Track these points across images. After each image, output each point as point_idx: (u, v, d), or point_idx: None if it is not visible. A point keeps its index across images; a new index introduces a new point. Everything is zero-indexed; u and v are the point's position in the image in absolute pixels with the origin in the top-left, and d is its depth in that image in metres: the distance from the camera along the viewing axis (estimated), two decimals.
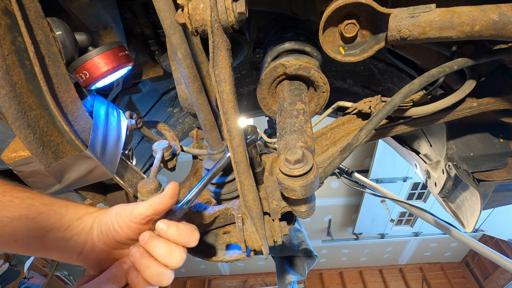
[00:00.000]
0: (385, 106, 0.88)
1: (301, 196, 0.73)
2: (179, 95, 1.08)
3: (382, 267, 11.30)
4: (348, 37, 0.86)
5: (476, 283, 10.32)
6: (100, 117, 0.98)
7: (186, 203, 0.76)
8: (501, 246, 8.94)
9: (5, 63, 0.67)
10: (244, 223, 0.90)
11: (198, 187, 0.80)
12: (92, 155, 0.82)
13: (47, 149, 0.76)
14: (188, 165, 1.35)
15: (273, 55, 1.11)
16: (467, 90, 0.96)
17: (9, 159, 0.80)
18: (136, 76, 1.43)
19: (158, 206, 0.66)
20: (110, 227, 0.65)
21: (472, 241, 2.32)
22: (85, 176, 0.88)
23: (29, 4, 0.73)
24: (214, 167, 0.87)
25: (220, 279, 11.40)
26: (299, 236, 2.02)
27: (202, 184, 0.81)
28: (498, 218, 6.57)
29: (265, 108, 1.17)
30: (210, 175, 0.85)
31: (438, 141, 1.43)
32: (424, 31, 0.74)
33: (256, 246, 0.89)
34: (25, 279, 5.12)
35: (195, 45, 0.99)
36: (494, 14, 0.68)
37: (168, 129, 1.34)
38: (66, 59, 0.89)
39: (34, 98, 0.74)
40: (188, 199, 0.77)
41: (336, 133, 1.10)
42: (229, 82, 0.70)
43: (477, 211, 1.31)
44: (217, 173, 0.89)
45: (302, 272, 2.11)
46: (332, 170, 0.90)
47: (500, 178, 1.27)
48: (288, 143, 0.86)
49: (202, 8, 0.62)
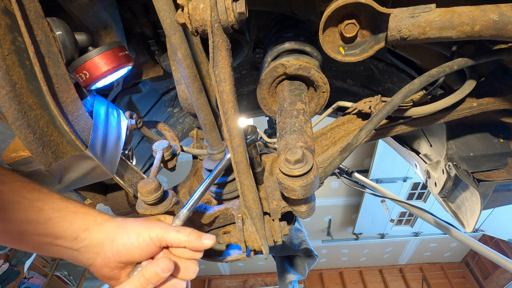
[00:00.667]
0: (385, 106, 0.88)
1: (301, 196, 0.73)
2: (179, 95, 1.08)
3: (382, 267, 11.30)
4: (348, 37, 0.85)
5: (476, 283, 10.32)
6: (100, 117, 0.98)
7: (189, 208, 0.77)
8: (501, 246, 8.94)
9: (5, 63, 0.67)
10: (244, 223, 0.90)
11: (200, 190, 0.81)
12: (92, 155, 0.82)
13: (47, 149, 0.76)
14: (188, 165, 1.35)
15: (273, 55, 1.11)
16: (467, 90, 0.96)
17: (9, 159, 0.80)
18: (136, 76, 1.43)
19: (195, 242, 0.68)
20: (130, 248, 0.65)
21: (472, 241, 2.32)
22: (85, 176, 0.88)
23: (29, 4, 0.73)
24: (215, 169, 0.88)
25: (220, 279, 11.40)
26: (300, 236, 2.02)
27: (204, 187, 0.82)
28: (498, 218, 6.58)
29: (265, 108, 1.17)
30: (211, 178, 0.85)
31: (438, 141, 1.43)
32: (424, 31, 0.74)
33: (256, 246, 0.89)
34: (25, 279, 5.12)
35: (195, 45, 0.99)
36: (494, 14, 0.68)
37: (168, 129, 1.34)
38: (66, 59, 0.89)
39: (34, 98, 0.74)
40: (191, 203, 0.78)
41: (336, 133, 1.10)
42: (229, 82, 0.70)
43: (477, 211, 1.31)
44: (218, 176, 0.89)
45: (303, 272, 2.12)
46: (332, 170, 0.90)
47: (500, 178, 1.27)
48: (288, 143, 0.86)
49: (202, 8, 0.62)
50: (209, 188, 1.12)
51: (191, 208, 0.77)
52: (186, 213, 0.76)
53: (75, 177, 0.86)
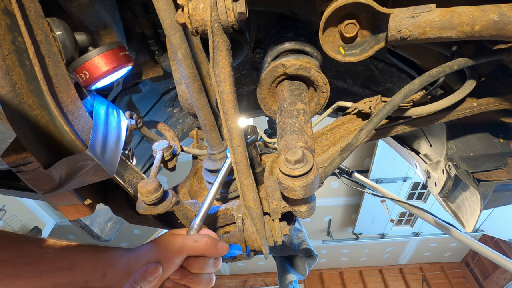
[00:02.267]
0: (385, 106, 0.88)
1: (301, 196, 0.73)
2: (179, 95, 1.08)
3: (382, 267, 11.30)
4: (348, 37, 0.85)
5: (476, 283, 10.32)
6: (100, 117, 0.98)
7: (201, 217, 0.81)
8: (501, 246, 8.94)
9: (5, 63, 0.67)
10: (244, 223, 0.90)
11: (207, 202, 0.83)
12: (92, 155, 0.82)
13: (47, 149, 0.76)
14: (188, 165, 1.35)
15: (273, 55, 1.11)
16: (467, 90, 0.96)
17: (9, 159, 0.80)
18: (136, 76, 1.43)
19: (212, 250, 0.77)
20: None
21: (472, 241, 2.32)
22: (85, 176, 0.88)
23: (29, 4, 0.73)
24: (219, 175, 0.88)
25: (220, 279, 11.40)
26: (300, 236, 2.02)
27: (212, 197, 0.84)
28: (498, 218, 6.58)
29: (265, 108, 1.17)
30: (218, 183, 0.86)
31: (438, 141, 1.43)
32: (424, 31, 0.74)
33: (256, 246, 0.89)
34: None
35: (195, 45, 0.99)
36: (494, 14, 0.68)
37: (168, 129, 1.34)
38: (66, 59, 0.89)
39: (34, 98, 0.73)
40: (203, 212, 0.81)
41: (336, 133, 1.10)
42: (229, 82, 0.70)
43: (477, 211, 1.31)
44: (224, 179, 0.90)
45: (303, 272, 2.12)
46: (332, 170, 0.90)
47: (500, 178, 1.27)
48: (288, 143, 0.86)
49: (202, 8, 0.62)
50: (208, 186, 1.12)
51: (203, 217, 0.81)
52: (200, 222, 0.80)
53: (75, 177, 0.86)
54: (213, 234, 0.81)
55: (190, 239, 0.75)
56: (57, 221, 7.96)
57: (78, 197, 1.08)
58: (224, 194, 1.11)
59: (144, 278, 0.66)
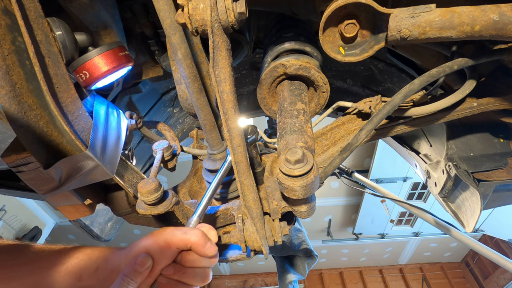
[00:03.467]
0: (385, 106, 0.88)
1: (301, 196, 0.73)
2: (179, 95, 1.08)
3: (382, 267, 11.30)
4: (348, 37, 0.85)
5: (476, 283, 10.32)
6: (100, 117, 0.98)
7: (199, 214, 0.80)
8: (501, 246, 8.94)
9: (5, 63, 0.67)
10: (244, 223, 0.90)
11: (205, 199, 0.82)
12: (92, 155, 0.82)
13: (47, 149, 0.76)
14: (188, 165, 1.35)
15: (273, 55, 1.11)
16: (467, 90, 0.96)
17: (9, 159, 0.80)
18: (136, 76, 1.43)
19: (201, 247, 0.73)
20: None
21: (472, 241, 2.32)
22: (85, 176, 0.88)
23: (29, 4, 0.73)
24: (218, 173, 0.88)
25: (220, 279, 11.40)
26: (300, 236, 2.02)
27: (209, 196, 0.83)
28: (498, 218, 6.57)
29: (265, 108, 1.17)
30: (217, 181, 0.86)
31: (438, 141, 1.43)
32: (424, 31, 0.74)
33: (256, 246, 0.89)
34: None
35: (195, 45, 0.99)
36: (494, 14, 0.68)
37: (168, 129, 1.34)
38: (66, 59, 0.89)
39: (34, 98, 0.73)
40: (200, 210, 0.80)
41: (336, 133, 1.10)
42: (229, 82, 0.70)
43: (477, 211, 1.31)
44: (223, 178, 0.89)
45: (303, 272, 2.12)
46: (332, 170, 0.90)
47: (500, 178, 1.27)
48: (288, 143, 0.86)
49: (202, 8, 0.62)
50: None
51: (201, 214, 0.80)
52: (197, 220, 0.79)
53: (75, 177, 0.86)
54: (206, 227, 0.78)
55: (180, 230, 0.73)
56: (57, 221, 7.96)
57: (78, 197, 1.08)
58: (224, 194, 1.11)
59: (134, 270, 0.65)
